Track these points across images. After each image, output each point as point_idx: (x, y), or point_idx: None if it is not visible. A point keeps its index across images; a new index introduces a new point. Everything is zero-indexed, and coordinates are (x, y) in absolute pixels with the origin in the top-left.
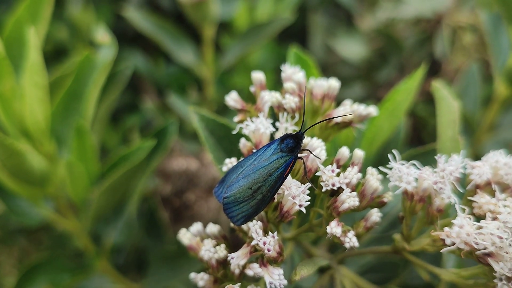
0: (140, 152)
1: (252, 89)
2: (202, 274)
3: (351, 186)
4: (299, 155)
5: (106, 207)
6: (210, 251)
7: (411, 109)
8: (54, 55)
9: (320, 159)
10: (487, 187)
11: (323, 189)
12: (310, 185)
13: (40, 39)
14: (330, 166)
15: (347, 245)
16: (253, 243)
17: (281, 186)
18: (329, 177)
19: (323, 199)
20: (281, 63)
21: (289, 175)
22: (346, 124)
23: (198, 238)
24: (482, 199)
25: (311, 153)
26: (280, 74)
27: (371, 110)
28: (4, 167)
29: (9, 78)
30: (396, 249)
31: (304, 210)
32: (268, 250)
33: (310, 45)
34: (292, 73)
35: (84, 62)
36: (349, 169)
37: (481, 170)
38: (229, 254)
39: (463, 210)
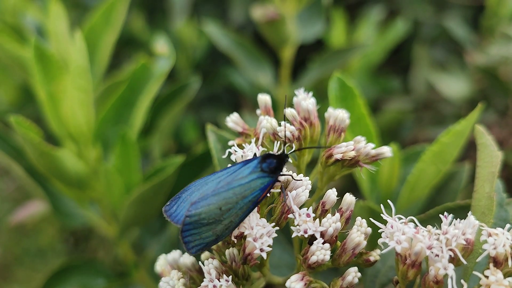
0: (168, 168)
1: (258, 112)
2: None
3: (328, 236)
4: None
5: (134, 218)
6: (168, 284)
7: (504, 159)
8: None
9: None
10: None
11: (293, 235)
12: (277, 228)
13: (110, 46)
14: (305, 209)
15: None
16: (202, 284)
17: (244, 225)
18: (302, 222)
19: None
20: (379, 93)
21: (256, 212)
22: (352, 163)
23: (168, 267)
24: (492, 277)
25: (293, 178)
26: (378, 104)
27: (384, 150)
28: (44, 169)
29: (61, 79)
30: None
31: (265, 256)
32: None
33: (411, 79)
34: (303, 99)
35: (139, 70)
36: (328, 215)
37: (499, 240)
38: None
39: (461, 286)
